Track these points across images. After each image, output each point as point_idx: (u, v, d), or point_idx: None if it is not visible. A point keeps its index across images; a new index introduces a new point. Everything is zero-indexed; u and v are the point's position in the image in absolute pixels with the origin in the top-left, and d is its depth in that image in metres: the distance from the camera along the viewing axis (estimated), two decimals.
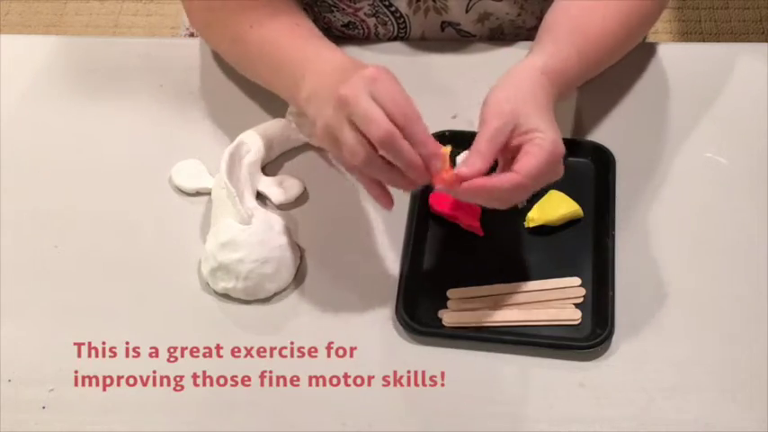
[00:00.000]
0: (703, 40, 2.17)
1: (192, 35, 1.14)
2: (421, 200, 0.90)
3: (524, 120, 0.78)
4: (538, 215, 0.88)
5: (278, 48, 0.91)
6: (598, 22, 0.91)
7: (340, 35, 1.07)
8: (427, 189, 0.91)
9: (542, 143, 0.77)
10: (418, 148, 0.75)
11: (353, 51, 1.05)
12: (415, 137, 0.75)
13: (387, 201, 0.80)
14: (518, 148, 0.78)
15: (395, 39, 1.06)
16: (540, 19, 1.06)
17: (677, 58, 1.03)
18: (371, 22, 1.04)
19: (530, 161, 0.76)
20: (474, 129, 0.95)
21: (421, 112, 0.78)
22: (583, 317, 0.82)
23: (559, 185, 0.89)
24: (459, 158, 0.93)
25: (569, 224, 0.89)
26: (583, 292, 0.84)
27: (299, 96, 0.85)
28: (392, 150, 0.74)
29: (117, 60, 1.07)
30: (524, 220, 0.88)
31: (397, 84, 0.77)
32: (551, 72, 0.84)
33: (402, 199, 0.90)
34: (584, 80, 0.92)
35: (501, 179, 0.77)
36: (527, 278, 0.85)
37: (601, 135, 0.95)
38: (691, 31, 2.20)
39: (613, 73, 0.98)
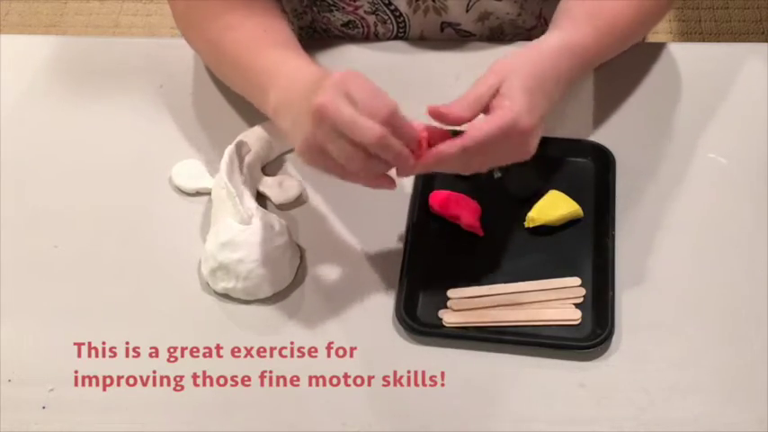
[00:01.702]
0: (703, 40, 2.17)
1: None
2: (421, 200, 0.90)
3: (506, 85, 0.78)
4: (538, 215, 0.88)
5: (246, 55, 0.90)
6: (613, 3, 0.91)
7: (340, 35, 1.07)
8: (427, 189, 0.91)
9: (502, 112, 0.76)
10: (404, 138, 0.75)
11: (353, 51, 1.05)
12: (400, 129, 0.75)
13: (390, 183, 0.78)
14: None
15: (394, 38, 1.06)
16: (539, 18, 1.06)
17: (677, 58, 1.03)
18: (371, 20, 1.04)
19: (480, 126, 0.76)
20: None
21: (420, 112, 0.78)
22: (583, 317, 0.82)
23: (559, 185, 0.90)
24: None
25: (569, 224, 0.89)
26: (583, 292, 0.84)
27: (267, 108, 0.85)
28: (385, 149, 0.74)
29: (117, 60, 1.07)
30: (524, 220, 0.88)
31: (367, 80, 0.76)
32: (568, 46, 0.84)
33: (402, 199, 0.90)
34: (601, 58, 0.92)
35: (448, 144, 0.76)
36: (527, 278, 0.85)
37: (601, 135, 0.95)
38: (691, 31, 2.21)
39: (613, 73, 0.98)
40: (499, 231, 0.88)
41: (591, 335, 0.81)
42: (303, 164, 0.79)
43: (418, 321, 0.82)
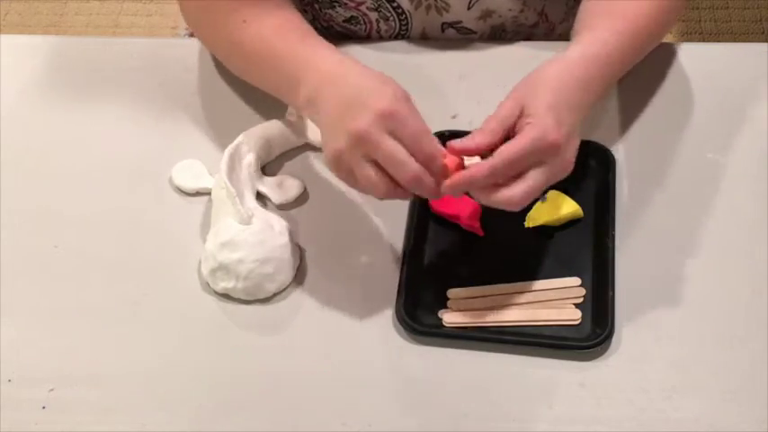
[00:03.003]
0: (703, 40, 2.17)
1: (192, 35, 1.14)
2: (421, 200, 0.90)
3: (528, 105, 0.78)
4: (538, 215, 0.88)
5: (271, 47, 0.90)
6: (631, 4, 0.91)
7: (341, 31, 1.07)
8: None
9: (528, 129, 0.76)
10: (436, 173, 0.76)
11: (355, 50, 1.05)
12: (435, 171, 0.75)
13: (404, 194, 0.78)
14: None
15: (396, 36, 1.06)
16: (541, 15, 1.06)
17: (677, 58, 1.03)
18: (373, 16, 1.04)
19: (508, 146, 0.75)
20: (473, 128, 0.95)
21: (421, 112, 0.78)
22: (583, 317, 0.82)
23: (559, 185, 0.89)
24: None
25: (569, 224, 0.89)
26: (583, 292, 0.84)
27: (298, 98, 0.85)
28: (418, 186, 0.75)
29: (117, 60, 1.07)
30: (524, 220, 0.88)
31: (414, 114, 0.76)
32: (589, 58, 0.84)
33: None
34: (625, 63, 0.90)
35: (476, 166, 0.75)
36: (527, 278, 0.85)
37: (601, 135, 0.95)
38: (691, 31, 2.20)
39: None
40: (499, 231, 0.88)
41: (591, 335, 0.81)
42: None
43: (418, 321, 0.82)
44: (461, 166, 0.77)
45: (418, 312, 0.83)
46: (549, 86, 0.79)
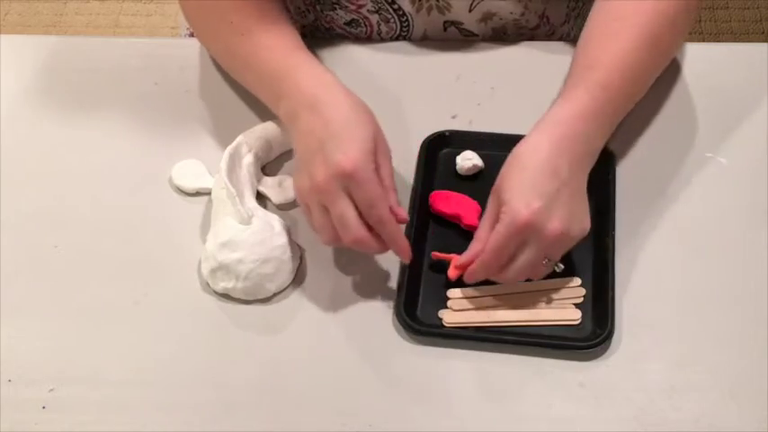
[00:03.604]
0: (703, 40, 2.17)
1: (192, 35, 1.14)
2: (421, 199, 0.90)
3: (502, 193, 0.80)
4: None
5: (257, 60, 0.92)
6: (613, 46, 0.88)
7: (342, 33, 1.07)
8: (427, 189, 0.91)
9: (501, 218, 0.79)
10: (389, 243, 0.82)
11: (355, 51, 1.05)
12: (386, 236, 0.81)
13: (346, 245, 0.82)
14: None
15: (397, 37, 1.06)
16: (542, 18, 1.06)
17: (677, 58, 1.03)
18: (374, 18, 1.04)
19: (489, 240, 0.79)
20: (473, 128, 0.95)
21: (421, 112, 0.78)
22: (583, 317, 0.82)
23: None
24: (459, 158, 0.93)
25: None
26: (583, 292, 0.84)
27: (279, 112, 0.89)
28: (360, 249, 0.81)
29: (117, 60, 1.07)
30: None
31: (372, 178, 0.79)
32: (578, 116, 0.83)
33: (402, 199, 0.90)
34: (627, 102, 0.89)
35: (472, 266, 0.81)
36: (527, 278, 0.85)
37: None
38: (691, 31, 2.20)
39: None
40: None
41: (591, 335, 0.81)
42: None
43: (418, 321, 0.82)
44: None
45: (418, 312, 0.83)
46: (520, 166, 0.80)
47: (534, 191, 0.78)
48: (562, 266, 0.82)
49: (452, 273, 0.83)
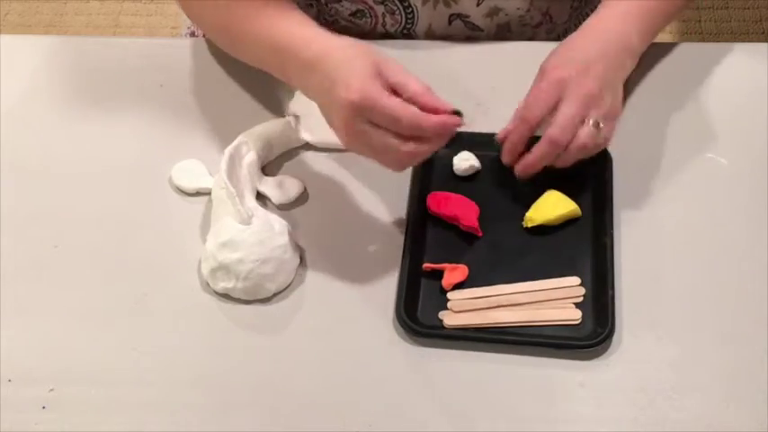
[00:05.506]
0: (703, 40, 2.17)
1: (192, 35, 1.14)
2: (419, 201, 0.90)
3: (544, 65, 0.88)
4: (536, 215, 0.88)
5: (255, 27, 0.91)
6: None
7: (347, 24, 1.07)
8: (425, 190, 0.91)
9: (541, 76, 0.87)
10: (436, 136, 0.81)
11: None
12: (431, 133, 0.80)
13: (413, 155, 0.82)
14: None
15: (402, 30, 1.06)
16: (545, 15, 1.07)
17: (677, 58, 1.03)
18: (379, 9, 1.05)
19: (530, 91, 0.87)
20: (472, 129, 0.95)
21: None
22: (583, 317, 0.82)
23: (557, 185, 0.90)
24: (456, 159, 0.93)
25: (568, 224, 0.89)
26: (583, 291, 0.84)
27: (290, 81, 0.89)
28: (423, 155, 0.82)
29: (117, 60, 1.07)
30: (523, 220, 0.88)
31: (382, 95, 0.79)
32: (617, 16, 0.92)
33: (401, 200, 0.90)
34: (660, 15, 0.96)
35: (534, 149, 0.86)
36: (527, 278, 0.85)
37: None
38: (691, 31, 2.21)
39: None
40: (498, 231, 0.88)
41: (591, 335, 0.81)
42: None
43: (418, 323, 0.82)
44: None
45: (418, 313, 0.83)
46: (561, 45, 0.91)
47: (572, 54, 0.88)
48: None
49: (447, 283, 0.84)
